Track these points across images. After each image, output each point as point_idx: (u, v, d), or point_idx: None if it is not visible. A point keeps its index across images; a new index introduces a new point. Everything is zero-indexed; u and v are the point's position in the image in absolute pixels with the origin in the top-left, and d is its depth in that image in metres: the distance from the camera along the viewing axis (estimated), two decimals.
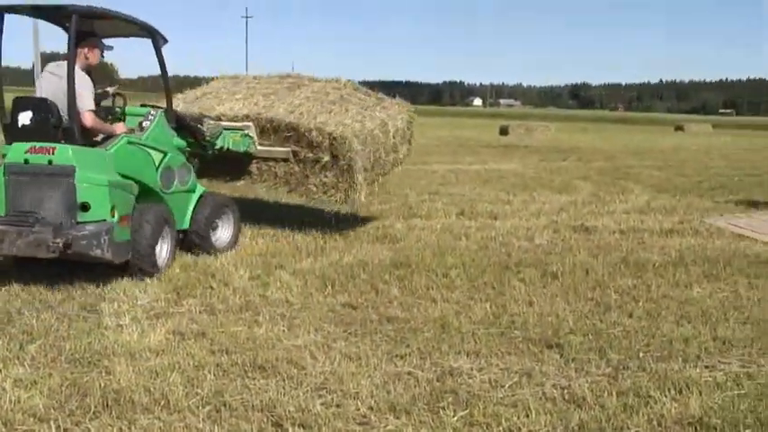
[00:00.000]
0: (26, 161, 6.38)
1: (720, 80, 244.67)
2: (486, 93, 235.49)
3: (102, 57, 7.29)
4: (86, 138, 6.72)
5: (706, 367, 4.91)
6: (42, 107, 6.61)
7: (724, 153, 29.94)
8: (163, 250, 7.11)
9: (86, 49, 6.96)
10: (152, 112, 7.53)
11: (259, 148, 8.77)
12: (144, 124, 7.34)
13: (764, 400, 4.31)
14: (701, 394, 4.40)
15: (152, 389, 4.33)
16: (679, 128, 60.78)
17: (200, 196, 7.97)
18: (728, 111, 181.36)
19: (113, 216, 6.47)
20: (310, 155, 8.56)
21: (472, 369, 4.79)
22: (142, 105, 7.88)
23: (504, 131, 37.81)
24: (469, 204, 11.99)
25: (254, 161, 8.98)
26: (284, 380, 4.53)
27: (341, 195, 8.56)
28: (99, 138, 6.91)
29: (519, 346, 5.24)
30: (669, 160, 24.26)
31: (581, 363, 4.94)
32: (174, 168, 7.53)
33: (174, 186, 7.52)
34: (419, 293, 6.59)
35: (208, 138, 8.07)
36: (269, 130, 8.77)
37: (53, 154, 6.34)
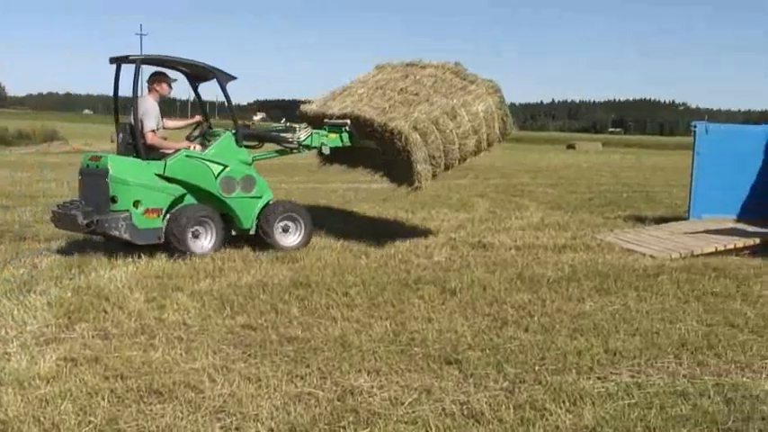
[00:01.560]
0: (87, 165, 8.77)
1: (609, 100, 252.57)
2: None
3: (171, 89, 9.28)
4: (152, 152, 8.76)
5: (598, 378, 5.06)
6: (126, 129, 8.86)
7: (613, 170, 31.08)
8: (204, 241, 8.89)
9: (156, 84, 9.10)
10: (220, 133, 9.30)
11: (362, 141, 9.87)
12: (208, 143, 9.16)
13: (653, 409, 4.47)
14: (593, 405, 4.54)
15: (42, 419, 4.17)
16: (571, 146, 62.92)
17: (267, 203, 9.42)
18: (617, 129, 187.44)
19: (137, 208, 8.40)
20: (387, 146, 9.39)
21: (372, 387, 4.80)
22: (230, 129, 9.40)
23: None
24: (369, 222, 12.05)
25: (359, 151, 10.17)
26: (182, 404, 4.44)
27: (408, 182, 9.58)
28: (170, 151, 8.83)
29: (418, 363, 5.29)
30: (562, 178, 25.01)
31: (479, 378, 5.02)
32: (235, 178, 9.10)
33: (235, 192, 9.09)
34: (319, 312, 6.58)
35: (295, 142, 9.61)
36: (356, 126, 9.73)
37: (99, 161, 8.55)
